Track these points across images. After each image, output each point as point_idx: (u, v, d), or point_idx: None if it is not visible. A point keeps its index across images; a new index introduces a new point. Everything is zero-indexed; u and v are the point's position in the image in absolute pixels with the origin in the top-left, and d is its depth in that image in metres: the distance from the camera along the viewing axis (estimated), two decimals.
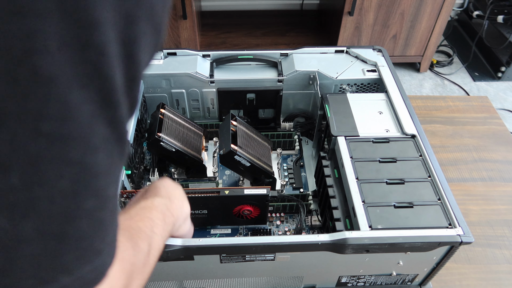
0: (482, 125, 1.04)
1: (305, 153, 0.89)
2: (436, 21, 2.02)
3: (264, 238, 0.56)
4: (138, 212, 0.44)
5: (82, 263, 0.25)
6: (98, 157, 0.24)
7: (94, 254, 0.26)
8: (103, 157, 0.24)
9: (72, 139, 0.22)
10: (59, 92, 0.21)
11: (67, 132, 0.22)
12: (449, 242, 0.56)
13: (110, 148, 0.25)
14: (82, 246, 0.25)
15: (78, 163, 0.23)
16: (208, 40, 2.32)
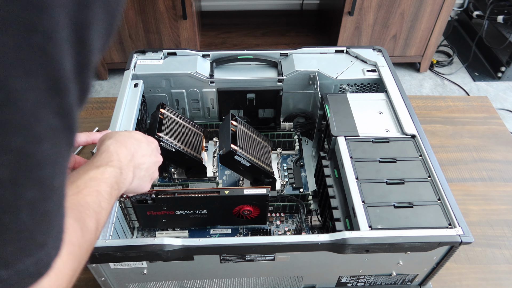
0: (482, 125, 1.04)
1: (305, 153, 0.89)
2: (436, 21, 2.02)
3: (264, 238, 0.56)
4: (87, 184, 0.41)
5: (22, 256, 0.24)
6: (42, 146, 0.23)
7: (36, 247, 0.25)
8: (48, 146, 0.23)
9: (13, 127, 0.21)
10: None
11: (7, 119, 0.21)
12: (449, 242, 0.56)
13: (57, 137, 0.24)
14: (22, 238, 0.23)
15: (19, 152, 0.22)
16: (208, 40, 2.32)
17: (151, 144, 0.56)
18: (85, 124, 1.00)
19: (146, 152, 0.53)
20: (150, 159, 0.54)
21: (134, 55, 0.85)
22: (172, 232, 0.74)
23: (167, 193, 0.66)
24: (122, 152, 0.49)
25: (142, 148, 0.53)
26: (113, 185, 0.44)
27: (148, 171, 0.54)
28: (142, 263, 0.58)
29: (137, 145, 0.52)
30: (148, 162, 0.53)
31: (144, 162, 0.52)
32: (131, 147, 0.51)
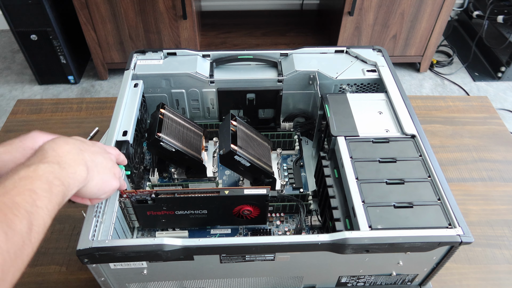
0: (482, 125, 1.04)
1: (305, 153, 0.89)
2: (436, 21, 2.02)
3: (264, 238, 0.56)
4: (17, 184, 0.39)
5: None
6: None
7: None
8: None
9: None
10: None
11: None
12: (449, 242, 0.56)
13: None
14: None
15: None
16: (208, 40, 2.33)
17: (96, 143, 0.57)
18: (85, 124, 1.00)
19: (96, 150, 0.53)
20: (103, 156, 0.54)
21: (134, 55, 0.85)
22: (172, 232, 0.74)
23: (167, 193, 0.66)
24: (62, 148, 0.46)
25: (90, 146, 0.52)
26: (53, 181, 0.42)
27: (105, 165, 0.54)
28: (142, 263, 0.58)
29: (83, 143, 0.52)
30: (101, 158, 0.53)
31: (96, 158, 0.52)
32: (76, 143, 0.49)
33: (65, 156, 0.46)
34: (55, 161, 0.44)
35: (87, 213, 0.58)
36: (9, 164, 0.47)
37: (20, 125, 1.00)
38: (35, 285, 0.72)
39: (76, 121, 1.01)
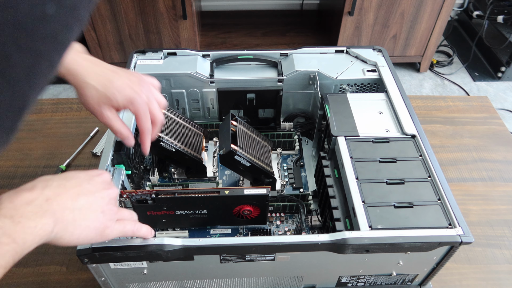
0: (482, 125, 1.04)
1: (305, 153, 0.89)
2: (436, 21, 2.02)
3: (264, 238, 0.56)
4: None
5: None
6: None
7: None
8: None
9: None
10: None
11: None
12: (449, 242, 0.56)
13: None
14: None
15: None
16: (208, 40, 2.32)
17: (96, 178, 0.49)
18: (85, 124, 1.00)
19: (83, 190, 0.46)
20: (92, 197, 0.47)
21: (134, 55, 0.85)
22: (172, 232, 0.74)
23: (167, 193, 0.66)
24: (21, 198, 0.40)
25: (74, 187, 0.46)
26: (0, 239, 0.37)
27: (95, 209, 0.47)
28: (142, 263, 0.58)
29: (62, 186, 0.45)
30: (87, 201, 0.46)
31: (78, 202, 0.45)
32: (44, 191, 0.43)
33: (22, 208, 0.40)
34: (8, 215, 0.38)
35: None
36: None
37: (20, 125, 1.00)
38: (35, 285, 0.72)
39: (76, 121, 1.01)
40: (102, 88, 0.56)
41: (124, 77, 0.58)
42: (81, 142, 0.95)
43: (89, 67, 0.56)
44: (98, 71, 0.57)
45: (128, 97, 0.57)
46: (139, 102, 0.58)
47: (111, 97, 0.56)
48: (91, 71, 0.56)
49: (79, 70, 0.55)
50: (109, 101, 0.57)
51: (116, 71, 0.58)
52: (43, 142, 0.96)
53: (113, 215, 0.49)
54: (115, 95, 0.56)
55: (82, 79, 0.55)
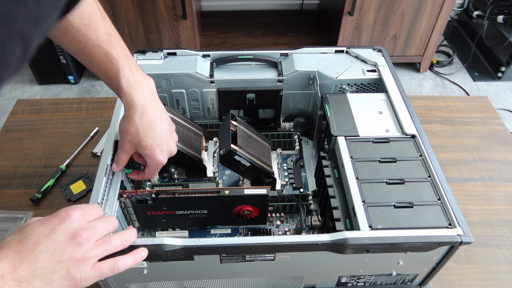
0: (482, 125, 1.04)
1: (305, 153, 0.89)
2: (436, 21, 2.02)
3: (264, 238, 0.56)
4: None
5: None
6: None
7: None
8: None
9: None
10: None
11: None
12: (449, 242, 0.56)
13: None
14: None
15: None
16: (208, 40, 2.32)
17: (58, 228, 0.43)
18: (85, 124, 1.00)
19: (42, 251, 0.41)
20: (53, 258, 0.42)
21: (134, 55, 0.85)
22: (172, 232, 0.74)
23: (167, 193, 0.66)
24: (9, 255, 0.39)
25: (31, 250, 0.41)
26: None
27: (58, 272, 0.42)
28: (142, 263, 0.58)
29: (19, 254, 0.40)
30: (47, 264, 0.41)
31: (36, 271, 0.41)
32: (2, 263, 0.39)
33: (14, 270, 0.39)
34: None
35: None
36: None
37: (20, 125, 1.00)
38: None
39: (76, 121, 1.01)
40: (142, 134, 0.60)
41: (164, 133, 0.63)
42: (81, 142, 0.95)
43: (147, 111, 0.60)
44: (152, 118, 0.61)
45: (152, 156, 0.63)
46: (156, 164, 0.64)
47: (142, 145, 0.61)
48: (146, 115, 0.60)
49: (137, 109, 0.59)
50: (138, 145, 0.62)
51: (164, 123, 0.63)
52: (43, 142, 0.96)
53: (85, 266, 0.44)
54: (145, 147, 0.61)
55: (134, 117, 0.59)
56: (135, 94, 0.59)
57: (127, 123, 0.60)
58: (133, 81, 0.59)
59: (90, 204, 0.50)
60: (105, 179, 0.63)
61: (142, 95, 0.60)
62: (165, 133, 0.63)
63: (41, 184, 0.85)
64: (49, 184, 0.85)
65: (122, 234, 0.50)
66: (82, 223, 0.45)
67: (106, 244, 0.47)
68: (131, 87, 0.59)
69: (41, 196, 0.83)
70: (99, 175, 0.63)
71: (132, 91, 0.59)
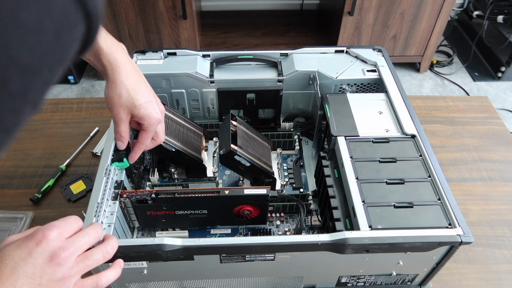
0: (482, 125, 1.04)
1: (305, 153, 0.89)
2: (436, 21, 2.02)
3: (264, 238, 0.56)
4: None
5: None
6: None
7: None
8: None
9: None
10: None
11: None
12: (449, 242, 0.56)
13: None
14: None
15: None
16: (208, 40, 2.32)
17: (35, 251, 0.42)
18: (85, 124, 1.00)
19: (19, 277, 0.40)
20: (32, 283, 0.41)
21: (134, 55, 0.85)
22: (172, 232, 0.74)
23: (167, 193, 0.66)
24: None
25: (8, 276, 0.40)
26: None
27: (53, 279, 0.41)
28: (142, 263, 0.58)
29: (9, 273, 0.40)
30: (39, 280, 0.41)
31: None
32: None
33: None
34: None
35: (87, 213, 0.58)
36: None
37: None
38: None
39: (76, 121, 1.01)
40: (133, 93, 0.60)
41: (152, 93, 0.63)
42: (81, 142, 0.95)
43: (129, 70, 0.60)
44: (136, 77, 0.61)
45: (148, 113, 0.62)
46: (153, 123, 0.63)
47: (136, 105, 0.60)
48: (130, 74, 0.60)
49: (121, 68, 0.59)
50: (132, 107, 0.61)
51: (149, 85, 0.63)
52: (43, 142, 0.96)
53: (66, 286, 0.43)
54: (140, 105, 0.61)
55: (119, 77, 0.59)
56: (115, 54, 0.59)
57: (115, 87, 0.59)
58: (110, 43, 0.59)
59: (67, 218, 0.47)
60: (105, 179, 0.63)
61: (121, 55, 0.59)
62: (151, 90, 0.63)
63: (41, 184, 0.85)
64: (49, 184, 0.85)
65: (104, 246, 0.48)
66: (59, 241, 0.43)
67: (86, 260, 0.45)
68: (110, 47, 0.58)
69: (41, 196, 0.83)
70: (99, 175, 0.63)
71: (112, 51, 0.58)
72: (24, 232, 0.46)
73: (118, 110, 0.61)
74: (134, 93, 0.60)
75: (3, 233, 0.77)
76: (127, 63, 0.60)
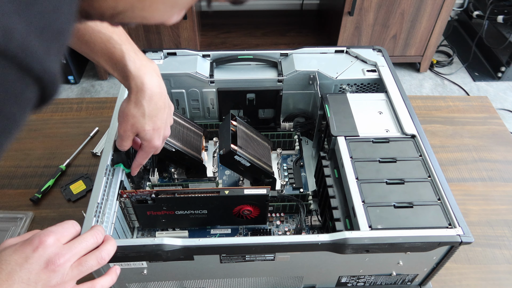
0: (482, 125, 1.04)
1: (305, 153, 0.89)
2: (436, 21, 2.02)
3: (264, 238, 0.56)
4: None
5: None
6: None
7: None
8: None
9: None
10: None
11: None
12: (449, 242, 0.56)
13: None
14: None
15: None
16: (208, 40, 2.32)
17: (32, 257, 0.42)
18: (85, 124, 1.00)
19: (15, 282, 0.41)
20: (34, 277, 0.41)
21: None
22: (172, 232, 0.74)
23: (167, 193, 0.66)
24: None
25: (5, 281, 0.40)
26: None
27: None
28: (142, 263, 0.58)
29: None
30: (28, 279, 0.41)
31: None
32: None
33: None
34: None
35: (87, 213, 0.58)
36: None
37: None
38: None
39: (76, 121, 1.01)
40: (147, 118, 0.60)
41: (164, 118, 0.63)
42: (81, 142, 0.95)
43: (154, 95, 0.59)
44: (159, 103, 0.60)
45: (151, 139, 0.62)
46: (151, 148, 0.64)
47: (144, 128, 0.61)
48: (154, 99, 0.60)
49: (146, 93, 0.59)
50: (140, 129, 0.61)
51: (165, 107, 0.63)
52: (43, 142, 0.96)
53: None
54: (147, 130, 0.61)
55: (142, 101, 0.59)
56: (144, 77, 0.58)
57: (134, 107, 0.59)
58: (139, 64, 0.58)
59: (65, 223, 0.47)
60: (105, 179, 0.63)
61: (150, 78, 0.59)
62: (165, 118, 0.63)
63: (41, 184, 0.85)
64: (49, 184, 0.85)
65: (98, 252, 0.48)
66: (56, 248, 0.44)
67: (80, 267, 0.45)
68: (139, 70, 0.58)
69: (41, 196, 0.83)
70: (99, 175, 0.63)
71: (141, 74, 0.58)
72: (22, 236, 0.46)
73: (127, 127, 0.61)
74: (148, 119, 0.60)
75: (3, 233, 0.77)
76: (154, 87, 0.59)
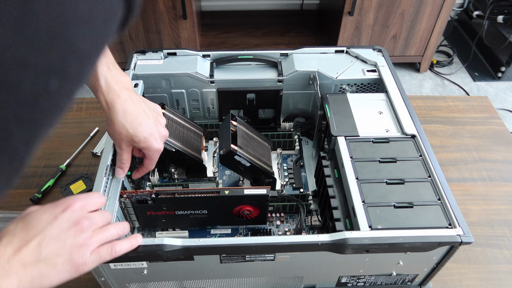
0: (482, 125, 1.04)
1: (305, 153, 0.89)
2: (436, 21, 2.02)
3: (264, 238, 0.56)
4: None
5: None
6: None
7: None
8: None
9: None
10: None
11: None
12: (449, 242, 0.56)
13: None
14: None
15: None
16: (208, 40, 2.32)
17: (60, 216, 0.46)
18: (85, 124, 1.00)
19: (46, 237, 0.44)
20: (57, 243, 0.45)
21: (134, 55, 0.85)
22: (172, 232, 0.74)
23: (167, 193, 0.66)
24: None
25: (36, 236, 0.44)
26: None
27: (62, 256, 0.45)
28: (142, 263, 0.58)
29: (23, 239, 0.43)
30: (52, 249, 0.44)
31: (41, 254, 0.43)
32: (7, 248, 0.42)
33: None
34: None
35: None
36: None
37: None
38: None
39: (76, 121, 1.01)
40: (132, 131, 0.61)
41: (152, 123, 0.63)
42: (81, 142, 0.95)
43: (128, 108, 0.60)
44: (135, 113, 0.61)
45: (149, 146, 0.63)
46: (154, 153, 0.65)
47: (136, 140, 0.62)
48: (128, 111, 0.60)
49: (117, 108, 0.59)
50: (132, 142, 0.62)
51: (148, 113, 0.63)
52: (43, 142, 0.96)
53: (85, 252, 0.47)
54: (140, 141, 0.62)
55: (117, 117, 0.59)
56: (113, 94, 0.59)
57: (113, 126, 0.60)
58: (110, 80, 0.58)
59: (91, 193, 0.52)
60: (105, 179, 0.63)
61: (120, 94, 0.59)
62: (152, 121, 0.63)
63: (41, 184, 0.85)
64: (49, 184, 0.85)
65: (117, 224, 0.53)
66: (82, 212, 0.48)
67: (104, 232, 0.50)
68: (109, 86, 0.58)
69: (41, 196, 0.83)
70: (99, 175, 0.63)
71: (110, 91, 0.58)
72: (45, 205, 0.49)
73: (119, 143, 0.63)
74: (133, 131, 0.60)
75: None
76: (126, 101, 0.60)
